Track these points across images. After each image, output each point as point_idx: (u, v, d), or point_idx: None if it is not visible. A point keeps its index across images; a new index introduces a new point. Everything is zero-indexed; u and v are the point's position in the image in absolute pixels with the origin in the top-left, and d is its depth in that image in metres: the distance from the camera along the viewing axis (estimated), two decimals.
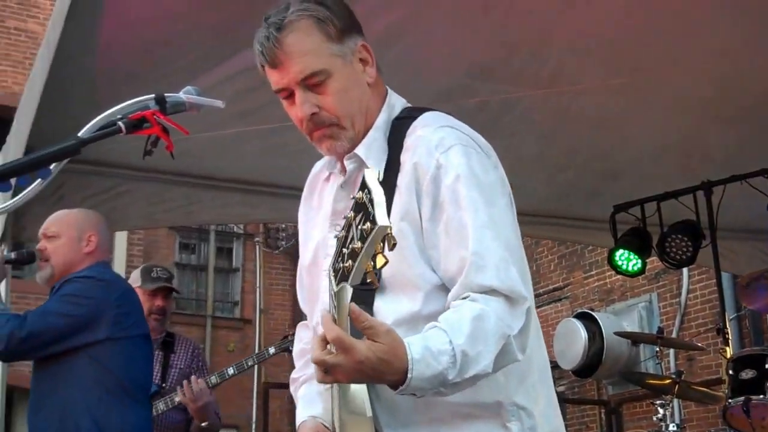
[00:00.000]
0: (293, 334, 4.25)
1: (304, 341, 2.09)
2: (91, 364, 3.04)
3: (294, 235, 14.51)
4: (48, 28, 3.60)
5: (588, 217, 5.65)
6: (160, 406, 4.00)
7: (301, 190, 2.14)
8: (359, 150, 1.84)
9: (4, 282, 4.55)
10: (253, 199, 5.04)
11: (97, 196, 4.43)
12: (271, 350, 4.35)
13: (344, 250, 1.44)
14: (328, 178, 1.99)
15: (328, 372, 1.52)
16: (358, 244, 1.37)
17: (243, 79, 3.76)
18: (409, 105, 1.95)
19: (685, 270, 8.51)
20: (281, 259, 14.87)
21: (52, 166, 1.52)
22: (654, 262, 5.87)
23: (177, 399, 4.02)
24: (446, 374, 1.55)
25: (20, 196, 1.61)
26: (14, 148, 4.20)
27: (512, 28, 3.68)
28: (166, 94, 1.64)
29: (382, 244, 1.36)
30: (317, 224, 1.97)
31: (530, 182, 4.97)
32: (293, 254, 14.70)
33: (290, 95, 1.85)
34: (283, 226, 14.69)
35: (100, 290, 3.13)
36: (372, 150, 1.83)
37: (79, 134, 1.57)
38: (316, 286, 1.91)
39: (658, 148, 4.75)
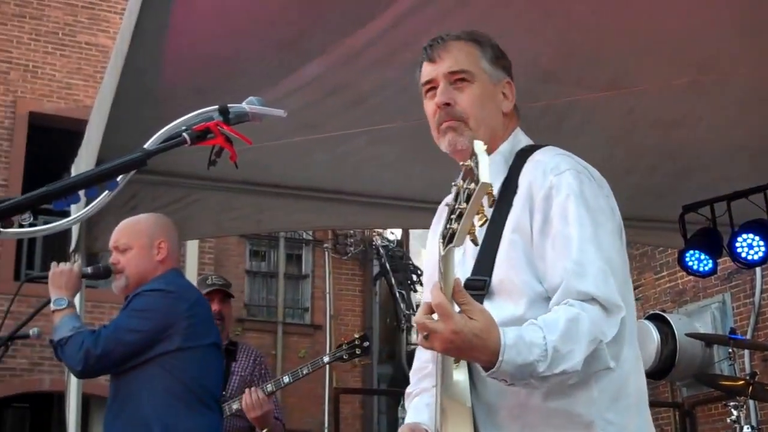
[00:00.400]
0: (348, 343, 4.28)
1: (422, 360, 2.20)
2: (163, 373, 3.06)
3: (362, 241, 14.59)
4: (116, 42, 3.70)
5: (657, 218, 5.57)
6: None
7: (366, 196, 2.20)
8: None
9: (79, 295, 4.68)
10: (319, 206, 5.10)
11: (169, 206, 4.51)
12: (325, 359, 4.38)
13: (452, 215, 1.54)
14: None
15: (426, 337, 1.64)
16: (464, 205, 1.50)
17: (308, 91, 3.83)
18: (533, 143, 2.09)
19: (758, 269, 8.33)
20: (350, 265, 14.94)
21: (119, 178, 1.57)
22: (726, 262, 5.77)
23: (235, 407, 4.08)
24: (536, 366, 1.65)
25: (89, 207, 1.66)
26: (86, 160, 4.32)
27: (573, 32, 3.66)
28: (229, 105, 1.69)
29: (482, 203, 1.49)
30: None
31: None
32: (361, 260, 14.78)
33: (432, 90, 2.03)
34: (351, 232, 14.75)
35: (170, 302, 3.13)
36: (491, 168, 1.92)
37: (145, 146, 1.61)
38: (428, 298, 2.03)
39: (726, 147, 4.67)
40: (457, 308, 1.63)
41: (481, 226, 1.51)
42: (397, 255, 14.34)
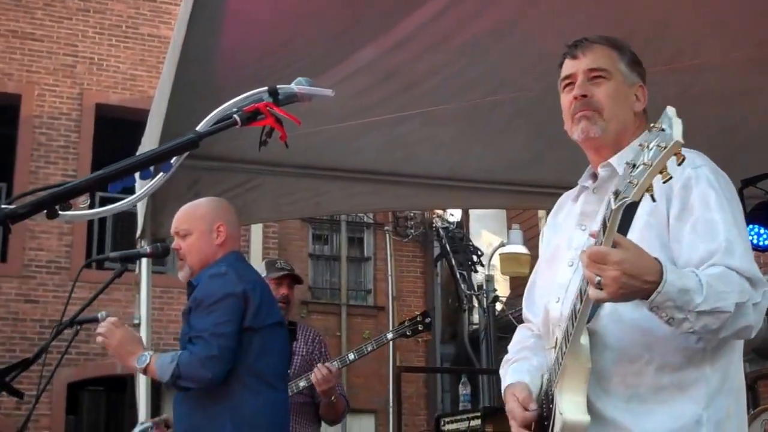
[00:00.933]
0: (411, 320, 4.32)
1: (521, 335, 2.35)
2: None
3: (423, 223, 14.62)
4: (173, 32, 3.78)
5: None
6: None
7: (422, 177, 2.25)
8: (612, 160, 2.11)
9: (144, 279, 4.80)
10: (376, 189, 5.14)
11: (230, 192, 4.59)
12: (389, 335, 4.45)
13: (632, 173, 1.60)
14: (576, 198, 2.24)
15: (598, 286, 1.74)
16: (648, 162, 1.56)
17: (361, 77, 3.87)
18: None
19: None
20: (411, 247, 14.99)
21: (173, 160, 1.61)
22: None
23: (302, 384, 4.16)
24: (694, 295, 1.77)
25: (143, 190, 1.70)
26: (148, 149, 4.42)
27: (628, 8, 3.64)
28: (278, 86, 1.71)
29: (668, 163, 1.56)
30: (562, 230, 2.24)
31: None
32: (422, 242, 14.81)
33: (570, 85, 2.18)
34: (411, 214, 14.78)
35: (232, 284, 3.16)
36: (622, 159, 2.03)
37: (197, 128, 1.65)
38: (554, 275, 2.18)
39: None
40: None
41: (665, 182, 1.58)
42: (458, 236, 14.33)
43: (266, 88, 1.71)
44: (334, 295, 14.60)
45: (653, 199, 1.63)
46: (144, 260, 4.71)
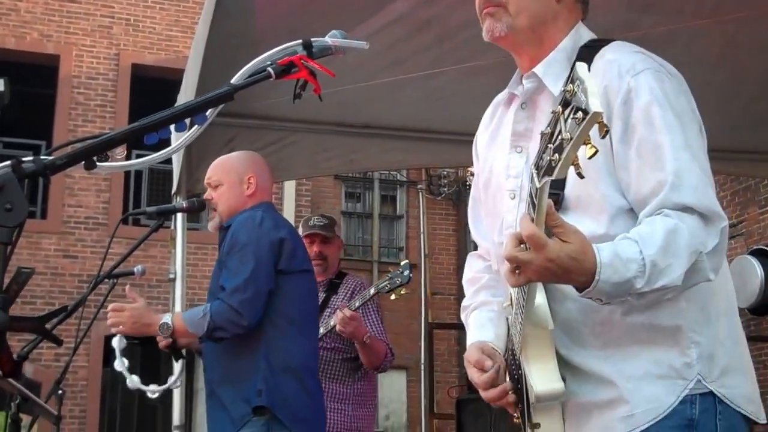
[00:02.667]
0: (390, 275, 4.18)
1: (474, 269, 2.15)
2: None
3: (456, 182, 14.56)
4: None
5: (761, 149, 5.41)
6: None
7: (456, 134, 2.20)
8: (537, 69, 1.86)
9: (180, 234, 4.83)
10: (411, 146, 5.12)
11: (265, 149, 4.60)
12: (372, 290, 4.27)
13: (550, 145, 1.40)
14: (507, 104, 2.02)
15: (519, 270, 1.56)
16: (567, 135, 1.34)
17: (395, 29, 3.83)
18: (596, 37, 1.94)
19: None
20: (444, 205, 14.97)
21: (207, 113, 1.60)
22: None
23: (332, 323, 4.13)
24: (634, 282, 1.58)
25: (179, 142, 1.70)
26: (186, 97, 4.43)
27: None
28: (312, 39, 1.69)
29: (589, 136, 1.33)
30: (496, 146, 2.01)
31: None
32: (455, 200, 14.77)
33: None
34: (445, 172, 14.74)
35: (264, 229, 3.16)
36: (551, 68, 1.86)
37: (232, 81, 1.64)
38: (497, 208, 1.94)
39: None
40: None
41: (590, 158, 1.34)
42: None
43: (300, 41, 1.70)
44: (366, 252, 14.65)
45: (581, 176, 1.37)
46: (179, 216, 4.74)
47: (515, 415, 1.85)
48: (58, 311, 2.52)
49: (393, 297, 4.26)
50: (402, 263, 4.27)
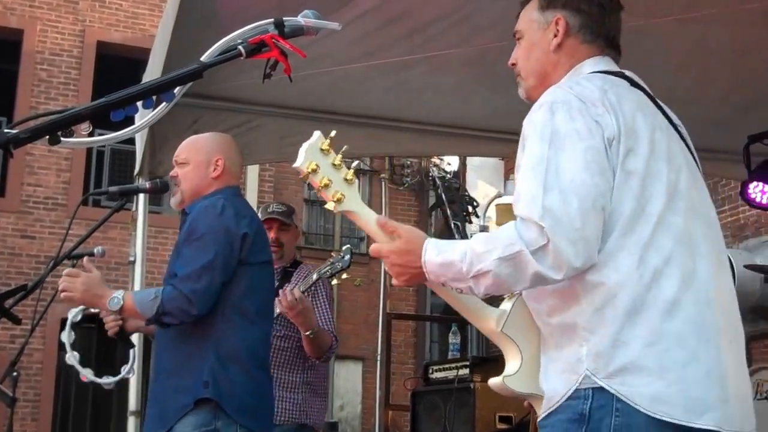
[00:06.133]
0: (331, 260, 4.14)
1: None
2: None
3: (419, 172, 14.58)
4: None
5: (720, 148, 5.46)
6: None
7: (421, 124, 2.23)
8: None
9: (141, 216, 4.78)
10: (377, 133, 5.12)
11: (230, 131, 4.53)
12: (314, 276, 4.26)
13: None
14: None
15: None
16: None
17: (367, 20, 3.82)
18: (610, 71, 2.11)
19: None
20: (406, 196, 14.99)
21: (176, 90, 1.57)
22: None
23: (277, 310, 4.06)
24: (460, 266, 1.86)
25: (146, 119, 1.67)
26: (152, 76, 4.38)
27: None
28: (284, 18, 1.68)
29: None
30: None
31: None
32: (417, 191, 14.80)
33: None
34: (408, 162, 14.76)
35: (228, 218, 3.11)
36: None
37: (202, 59, 1.62)
38: None
39: None
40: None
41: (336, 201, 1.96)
42: (454, 186, 14.31)
43: (272, 19, 1.68)
44: (327, 242, 14.63)
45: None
46: (141, 198, 4.69)
47: None
48: (17, 290, 2.47)
49: (335, 282, 4.24)
50: (344, 248, 4.26)
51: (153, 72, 4.29)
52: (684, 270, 1.88)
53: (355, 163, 12.22)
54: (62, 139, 1.45)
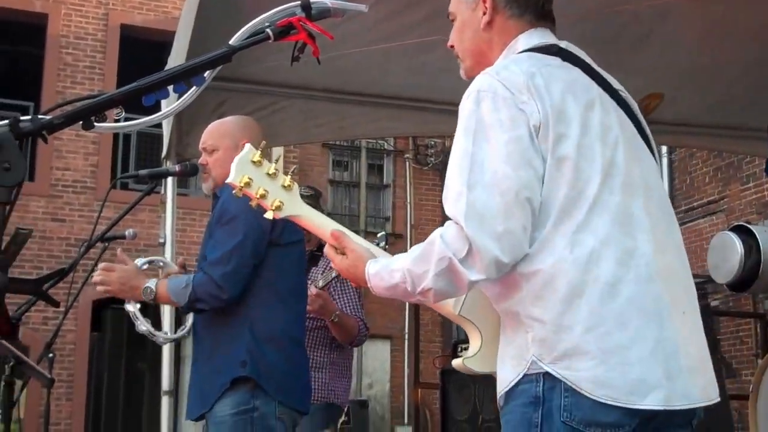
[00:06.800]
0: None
1: None
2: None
3: (443, 152, 14.58)
4: None
5: (744, 126, 5.46)
6: None
7: (443, 104, 2.25)
8: None
9: (170, 199, 4.85)
10: (400, 114, 5.15)
11: (255, 113, 4.59)
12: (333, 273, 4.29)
13: None
14: None
15: None
16: None
17: (389, 3, 3.84)
18: (543, 46, 2.08)
19: None
20: (430, 176, 15.00)
21: (206, 74, 1.61)
22: None
23: None
24: (405, 287, 1.91)
25: (177, 103, 1.70)
26: (176, 63, 4.44)
27: None
28: (311, 0, 1.70)
29: None
30: None
31: (681, 93, 4.86)
32: (442, 170, 14.78)
33: None
34: (432, 142, 14.76)
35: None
36: None
37: (230, 42, 1.65)
38: None
39: None
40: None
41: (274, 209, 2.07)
42: None
43: (299, 2, 1.69)
44: (352, 222, 14.68)
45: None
46: (170, 181, 4.75)
47: None
48: (54, 274, 2.53)
49: None
50: (379, 234, 4.28)
51: (177, 54, 4.34)
52: (622, 249, 1.87)
53: (293, 168, 12.27)
54: (95, 124, 1.50)
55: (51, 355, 3.64)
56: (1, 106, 12.48)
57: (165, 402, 4.62)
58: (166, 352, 4.63)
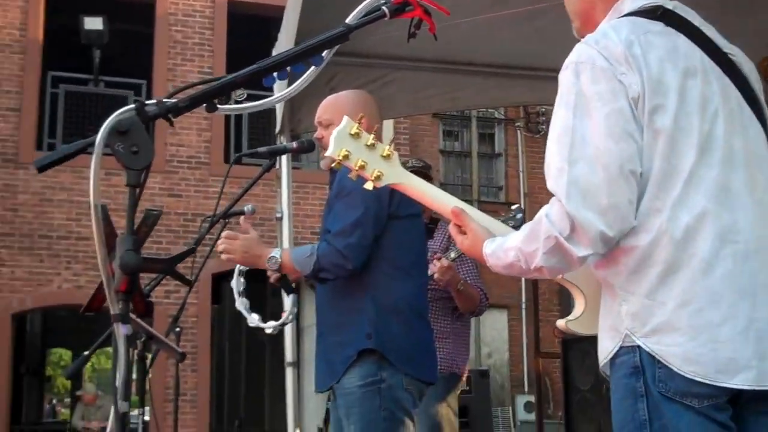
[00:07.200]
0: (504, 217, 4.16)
1: None
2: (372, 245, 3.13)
3: None
4: None
5: None
6: None
7: (556, 71, 2.21)
8: None
9: (285, 173, 4.92)
10: (512, 83, 5.10)
11: (366, 86, 4.61)
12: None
13: None
14: None
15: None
16: None
17: None
18: (647, 7, 2.03)
19: None
20: (542, 144, 14.77)
21: (324, 53, 1.62)
22: None
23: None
24: (520, 264, 1.94)
25: (297, 83, 1.72)
26: (285, 45, 4.48)
27: None
28: None
29: None
30: None
31: None
32: None
33: None
34: (543, 110, 14.55)
35: None
36: None
37: (347, 21, 1.65)
38: None
39: None
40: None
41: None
42: None
43: None
44: (465, 192, 14.64)
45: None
46: (285, 156, 4.82)
47: None
48: (186, 253, 2.61)
49: None
50: (514, 207, 4.27)
51: (288, 30, 4.37)
52: (719, 225, 1.84)
53: (391, 137, 12.19)
54: (218, 106, 1.53)
55: (178, 329, 3.76)
56: (114, 84, 12.87)
57: (289, 373, 4.70)
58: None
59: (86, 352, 3.14)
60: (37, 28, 12.29)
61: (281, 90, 4.00)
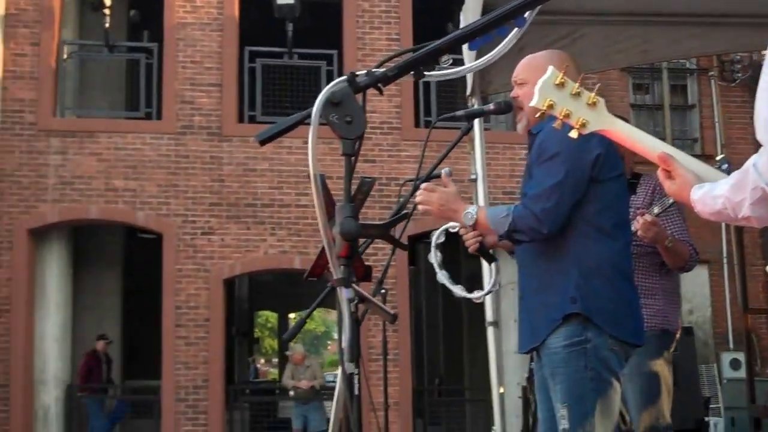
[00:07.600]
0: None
1: None
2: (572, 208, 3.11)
3: (750, 66, 13.68)
4: None
5: None
6: None
7: (753, 16, 2.19)
8: None
9: (478, 135, 4.98)
10: (704, 32, 4.96)
11: (555, 44, 4.62)
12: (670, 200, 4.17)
13: None
14: None
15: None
16: None
17: None
18: None
19: None
20: (739, 92, 14.13)
21: (526, 14, 1.68)
22: None
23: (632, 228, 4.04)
24: (728, 212, 1.94)
25: (502, 44, 1.79)
26: (473, 9, 4.56)
27: None
28: None
29: None
30: None
31: None
32: (750, 86, 13.89)
33: None
34: (738, 57, 13.86)
35: (575, 141, 3.14)
36: None
37: None
38: None
39: None
40: None
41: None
42: None
43: None
44: None
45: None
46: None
47: None
48: (399, 219, 2.72)
49: None
50: (718, 158, 4.17)
51: None
52: None
53: (598, 85, 11.73)
54: (425, 73, 1.65)
55: (383, 290, 3.89)
56: (307, 56, 13.28)
57: (490, 332, 4.76)
58: (485, 284, 4.72)
59: (303, 316, 3.24)
60: (233, 5, 12.83)
61: (471, 56, 4.10)
